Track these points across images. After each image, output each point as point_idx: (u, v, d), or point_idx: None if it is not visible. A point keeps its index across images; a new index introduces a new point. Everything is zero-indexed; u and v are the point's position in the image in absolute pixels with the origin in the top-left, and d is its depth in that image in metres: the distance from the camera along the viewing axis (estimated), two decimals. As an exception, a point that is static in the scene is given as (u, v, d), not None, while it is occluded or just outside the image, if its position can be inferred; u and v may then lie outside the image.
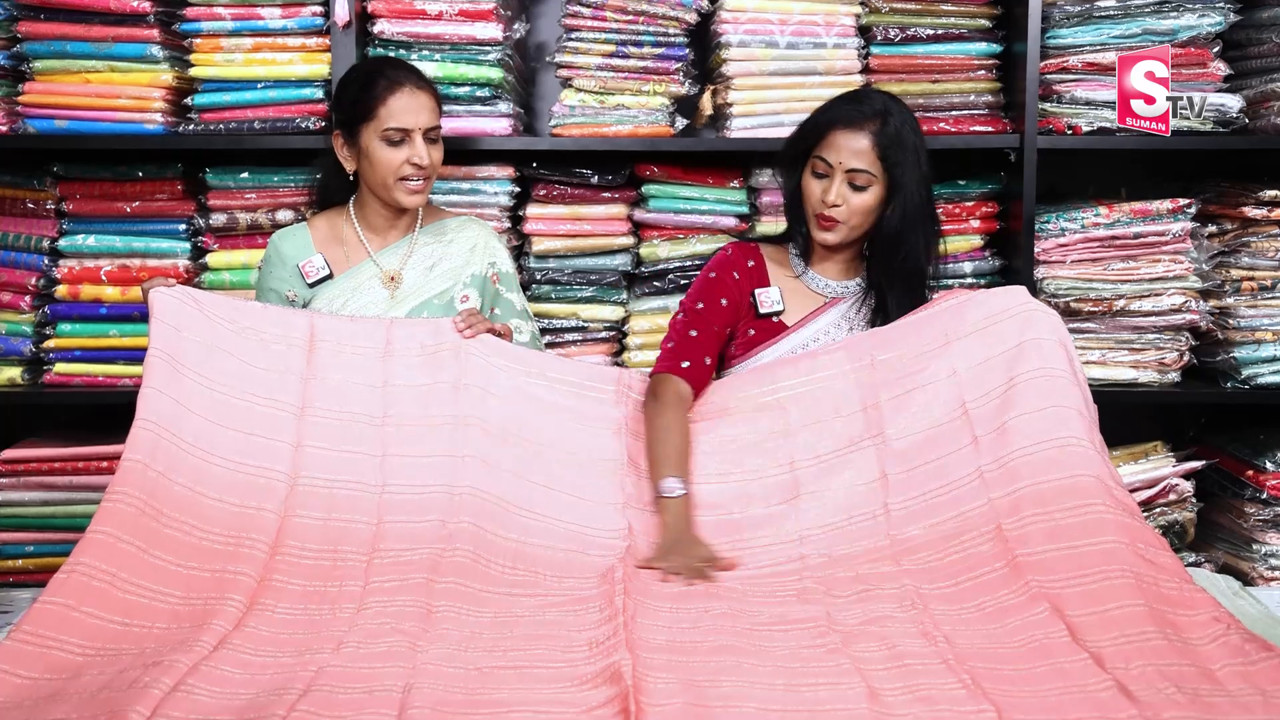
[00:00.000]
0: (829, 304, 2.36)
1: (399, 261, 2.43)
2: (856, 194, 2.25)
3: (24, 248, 2.87)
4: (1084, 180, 3.04)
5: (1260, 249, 2.87)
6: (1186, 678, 1.57)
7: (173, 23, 2.82)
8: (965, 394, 2.07)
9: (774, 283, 2.38)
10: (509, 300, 2.51)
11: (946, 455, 2.03)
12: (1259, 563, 2.83)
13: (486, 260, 2.48)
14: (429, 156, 2.35)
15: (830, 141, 2.25)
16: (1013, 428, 1.99)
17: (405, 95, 2.34)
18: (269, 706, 1.51)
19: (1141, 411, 3.05)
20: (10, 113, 2.84)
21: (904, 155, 2.24)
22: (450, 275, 2.44)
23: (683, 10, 2.83)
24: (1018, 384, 2.03)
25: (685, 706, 1.50)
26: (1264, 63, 2.87)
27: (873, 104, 2.28)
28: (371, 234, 2.46)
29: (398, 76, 2.36)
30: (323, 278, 2.40)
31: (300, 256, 2.42)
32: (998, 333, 2.11)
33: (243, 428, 2.03)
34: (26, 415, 3.05)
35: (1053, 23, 2.82)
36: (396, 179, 2.35)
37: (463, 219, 2.55)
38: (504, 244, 2.57)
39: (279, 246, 2.45)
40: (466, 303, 2.42)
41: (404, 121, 2.33)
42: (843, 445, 2.12)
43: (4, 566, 2.79)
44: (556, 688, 1.56)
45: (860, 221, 2.27)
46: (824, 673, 1.59)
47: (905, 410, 2.10)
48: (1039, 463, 1.94)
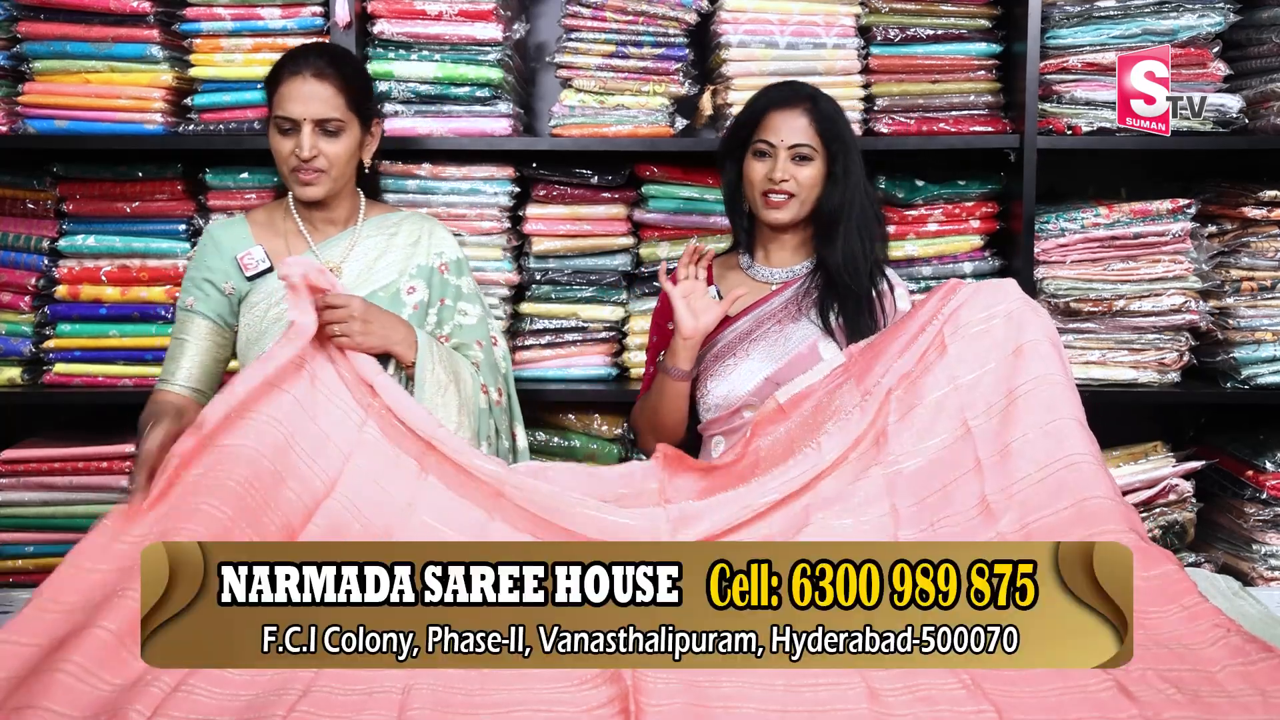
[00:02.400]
0: (776, 290, 2.39)
1: (340, 255, 2.36)
2: (800, 166, 2.31)
3: (24, 248, 2.87)
4: (1084, 180, 3.04)
5: (1260, 249, 2.87)
6: (1186, 680, 1.58)
7: (173, 23, 2.82)
8: (966, 410, 2.02)
9: (717, 283, 2.42)
10: (456, 286, 2.43)
11: (950, 483, 1.98)
12: (1259, 563, 2.83)
13: (432, 252, 2.41)
14: (315, 148, 2.24)
15: (768, 124, 2.33)
16: (1016, 450, 1.95)
17: (299, 83, 2.23)
18: (269, 707, 1.52)
19: (1141, 411, 3.05)
20: (10, 113, 2.84)
21: (839, 131, 2.33)
22: (395, 268, 2.37)
23: (683, 10, 2.83)
24: (1018, 398, 1.99)
25: (685, 707, 1.50)
26: (1264, 63, 2.87)
27: (802, 89, 2.38)
28: (312, 226, 2.37)
29: (299, 64, 2.26)
30: (262, 270, 2.31)
31: (238, 247, 2.33)
32: (993, 337, 2.06)
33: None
34: (26, 415, 3.06)
35: (1053, 23, 2.82)
36: (289, 170, 2.27)
37: (405, 213, 2.48)
38: (449, 233, 2.50)
39: (215, 237, 2.35)
40: (413, 295, 2.37)
41: (291, 110, 2.23)
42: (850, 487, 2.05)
43: (4, 566, 2.79)
44: (556, 688, 1.57)
45: (807, 195, 2.33)
46: (824, 673, 1.59)
47: (909, 427, 2.04)
48: (1048, 491, 1.90)
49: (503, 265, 2.91)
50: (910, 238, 2.91)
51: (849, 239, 2.33)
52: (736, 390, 2.35)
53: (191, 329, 2.32)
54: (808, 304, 2.36)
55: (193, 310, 2.32)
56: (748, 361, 2.36)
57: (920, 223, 2.91)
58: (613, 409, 2.96)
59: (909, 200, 2.90)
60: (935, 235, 2.92)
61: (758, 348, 2.36)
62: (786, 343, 2.35)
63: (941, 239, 2.92)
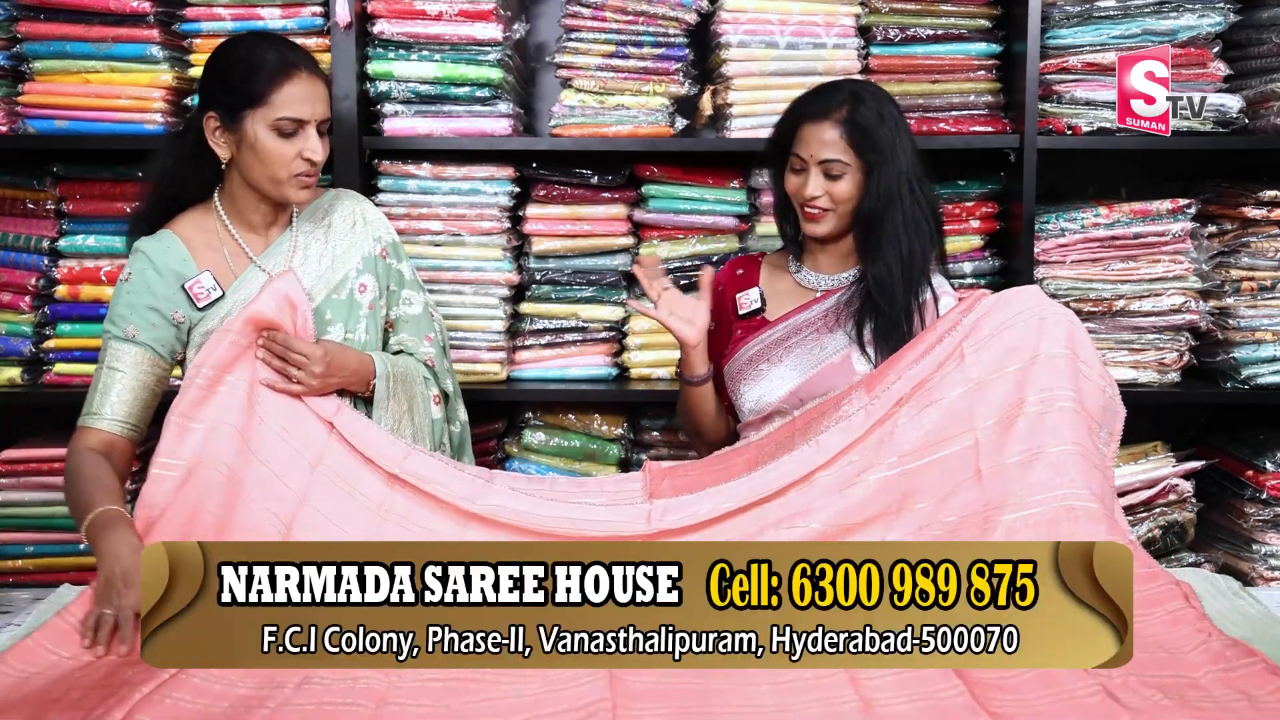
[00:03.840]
0: (819, 298, 2.34)
1: (284, 262, 2.16)
2: (834, 183, 2.24)
3: (24, 248, 2.87)
4: (1084, 180, 3.04)
5: (1260, 249, 2.87)
6: (1171, 686, 1.57)
7: (173, 23, 2.82)
8: (975, 416, 1.98)
9: (764, 284, 2.38)
10: (398, 271, 2.28)
11: (949, 492, 1.95)
12: (1259, 563, 2.83)
13: (371, 236, 2.24)
14: (322, 151, 2.10)
15: (800, 137, 2.26)
16: (1015, 474, 1.92)
17: (303, 81, 2.06)
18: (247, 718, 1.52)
19: (1141, 411, 3.02)
20: (10, 113, 2.84)
21: (876, 140, 2.22)
22: (341, 263, 2.20)
23: (683, 10, 2.83)
24: (1025, 413, 1.95)
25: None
26: (1264, 63, 2.87)
27: (839, 94, 2.27)
28: (250, 234, 2.17)
29: (293, 59, 2.08)
30: (215, 300, 2.11)
31: (182, 271, 2.11)
32: (1010, 342, 2.01)
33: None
34: (26, 415, 3.05)
35: (1053, 23, 2.82)
36: (290, 175, 2.07)
37: (332, 192, 2.29)
38: (379, 211, 2.32)
39: (155, 262, 2.11)
40: (365, 293, 2.21)
41: (300, 111, 2.05)
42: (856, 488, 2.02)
43: (4, 566, 2.79)
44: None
45: (844, 208, 2.26)
46: (818, 687, 1.59)
47: (918, 428, 2.00)
48: (1041, 529, 1.88)
49: (503, 265, 2.91)
50: (910, 238, 2.91)
51: (887, 252, 2.24)
52: (767, 396, 2.29)
53: (127, 359, 2.07)
54: (846, 315, 2.29)
55: (133, 340, 2.07)
56: (780, 368, 2.30)
57: (920, 223, 2.91)
58: (613, 409, 2.96)
59: (909, 200, 2.90)
60: (935, 235, 2.92)
61: (792, 355, 2.30)
62: (821, 352, 2.28)
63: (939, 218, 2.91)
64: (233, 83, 2.07)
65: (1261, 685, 1.56)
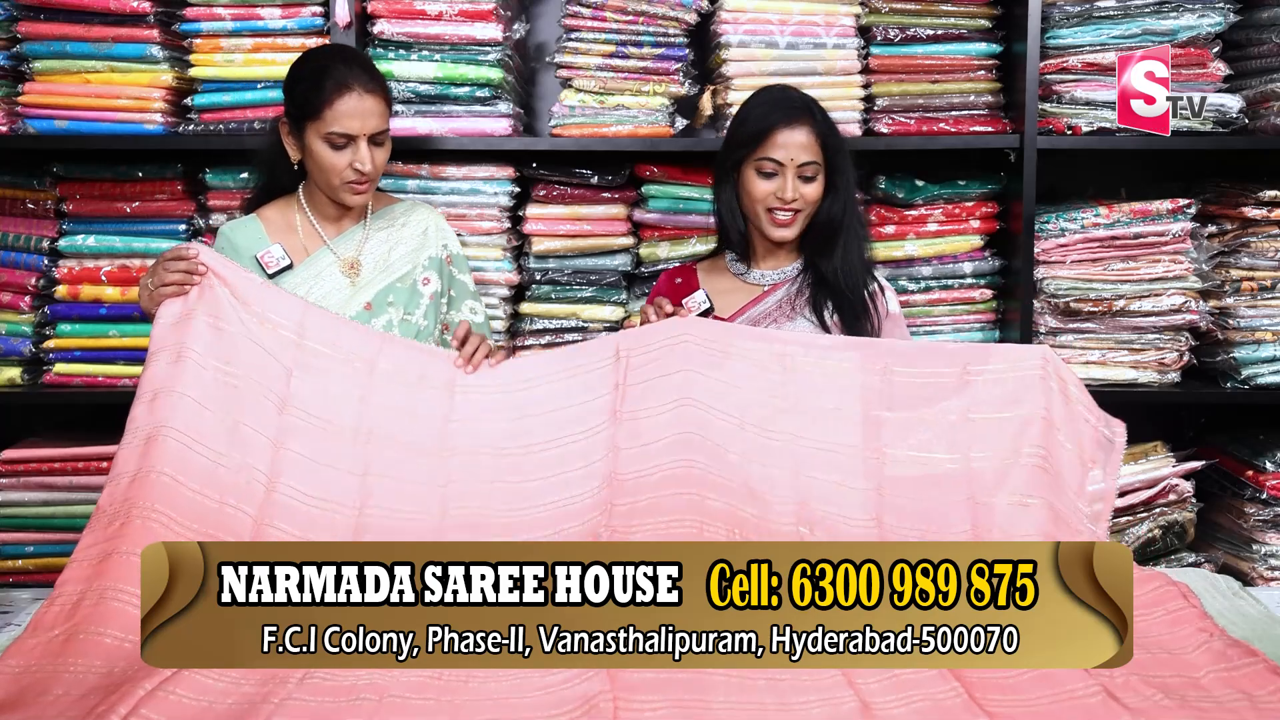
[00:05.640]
0: (766, 292, 2.39)
1: (355, 248, 2.38)
2: (807, 185, 2.31)
3: (24, 248, 2.87)
4: (1084, 180, 3.04)
5: (1260, 249, 2.87)
6: (1172, 685, 1.58)
7: (173, 23, 2.82)
8: (973, 447, 2.01)
9: (705, 287, 2.40)
10: (462, 282, 2.48)
11: (940, 503, 1.98)
12: (1259, 563, 2.84)
13: (439, 243, 2.45)
14: (373, 160, 2.27)
15: (774, 142, 2.29)
16: (1001, 516, 1.95)
17: (353, 99, 2.23)
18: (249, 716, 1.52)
19: (1141, 411, 3.04)
20: (10, 113, 2.84)
21: (837, 140, 2.34)
22: (408, 259, 2.40)
23: (683, 10, 2.83)
24: (1020, 462, 1.98)
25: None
26: (1264, 63, 2.87)
27: (797, 100, 2.35)
28: (325, 222, 2.39)
29: (347, 77, 2.25)
30: (284, 268, 2.32)
31: (256, 247, 2.33)
32: (1014, 387, 2.05)
33: (228, 413, 1.98)
34: (26, 415, 3.06)
35: (1053, 23, 2.83)
36: (343, 182, 2.28)
37: (408, 203, 2.50)
38: (450, 227, 2.51)
39: (231, 239, 2.35)
40: (428, 285, 2.40)
41: (349, 127, 2.24)
42: (833, 444, 2.05)
43: (4, 566, 2.79)
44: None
45: (811, 209, 2.34)
46: (816, 688, 1.59)
47: (908, 438, 2.04)
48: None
49: (503, 265, 2.91)
50: (910, 238, 2.91)
51: (848, 248, 2.34)
52: None
53: None
54: (801, 303, 2.37)
55: None
56: None
57: (920, 223, 2.91)
58: (613, 409, 2.96)
59: (909, 200, 2.90)
60: (935, 235, 2.92)
61: None
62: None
63: (941, 239, 2.92)
64: (296, 96, 2.28)
65: (1262, 685, 1.56)
